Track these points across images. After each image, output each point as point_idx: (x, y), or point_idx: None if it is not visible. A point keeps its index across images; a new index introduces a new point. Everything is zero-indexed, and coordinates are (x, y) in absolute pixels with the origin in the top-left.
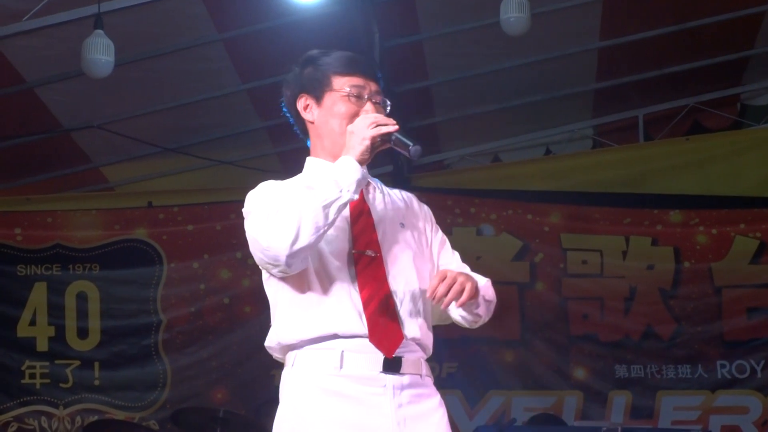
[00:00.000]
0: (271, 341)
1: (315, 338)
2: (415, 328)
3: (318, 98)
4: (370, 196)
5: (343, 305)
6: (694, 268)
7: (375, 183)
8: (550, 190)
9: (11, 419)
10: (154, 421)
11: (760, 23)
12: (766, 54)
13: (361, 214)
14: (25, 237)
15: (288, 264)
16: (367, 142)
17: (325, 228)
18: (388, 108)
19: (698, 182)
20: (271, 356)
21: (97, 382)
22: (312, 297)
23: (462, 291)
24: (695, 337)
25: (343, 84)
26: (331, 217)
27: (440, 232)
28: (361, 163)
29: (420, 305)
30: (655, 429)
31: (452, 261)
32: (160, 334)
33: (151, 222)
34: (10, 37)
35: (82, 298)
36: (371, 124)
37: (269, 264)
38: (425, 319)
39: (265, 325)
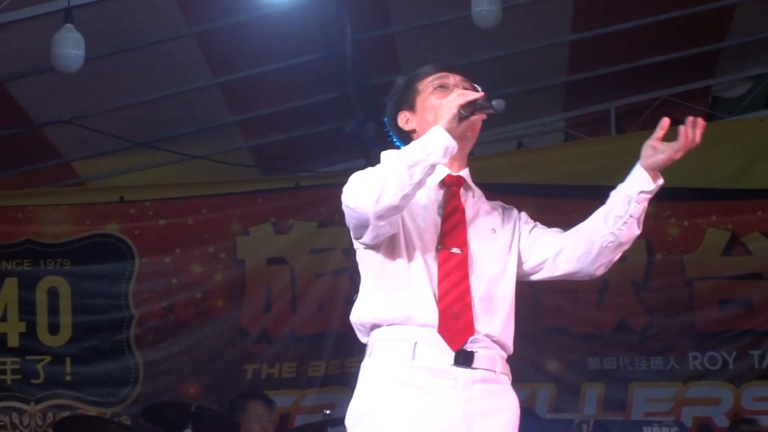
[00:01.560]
0: (353, 316)
1: (389, 320)
2: (490, 324)
3: (412, 108)
4: (468, 198)
5: (420, 294)
6: (666, 260)
7: (475, 191)
8: (522, 183)
9: None
10: (126, 417)
11: (732, 15)
12: (737, 46)
13: (454, 212)
14: None
15: (376, 224)
16: (454, 110)
17: (411, 187)
18: (479, 90)
19: (670, 174)
20: (242, 351)
21: (68, 378)
22: (394, 282)
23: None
24: (667, 329)
25: (427, 84)
26: (416, 177)
27: (531, 221)
28: (449, 131)
29: (500, 306)
30: (627, 421)
31: (548, 231)
32: (132, 329)
33: (122, 217)
34: None
35: (53, 293)
36: (459, 95)
37: (360, 226)
38: (504, 318)
39: (236, 320)
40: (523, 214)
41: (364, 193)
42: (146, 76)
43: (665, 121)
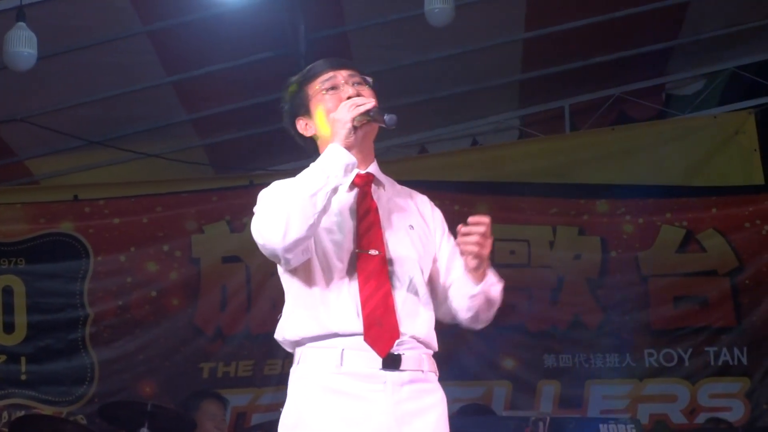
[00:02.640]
0: (278, 335)
1: (316, 336)
2: (414, 325)
3: (307, 113)
4: (380, 195)
5: (343, 304)
6: (621, 258)
7: (387, 182)
8: (477, 181)
9: None
10: (82, 416)
11: (685, 13)
12: (690, 44)
13: (367, 212)
14: None
15: (286, 257)
16: (349, 125)
17: (316, 216)
18: (370, 82)
19: (624, 172)
20: (198, 349)
21: (24, 377)
22: (315, 295)
23: (483, 247)
24: (623, 327)
25: (316, 88)
26: (319, 205)
27: (452, 239)
28: (347, 147)
29: (422, 304)
30: (583, 418)
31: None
32: (87, 328)
33: (77, 215)
34: None
35: (7, 292)
36: (350, 106)
37: (272, 257)
38: (427, 317)
39: (191, 318)
40: (443, 222)
41: (270, 230)
42: (100, 74)
43: (460, 228)
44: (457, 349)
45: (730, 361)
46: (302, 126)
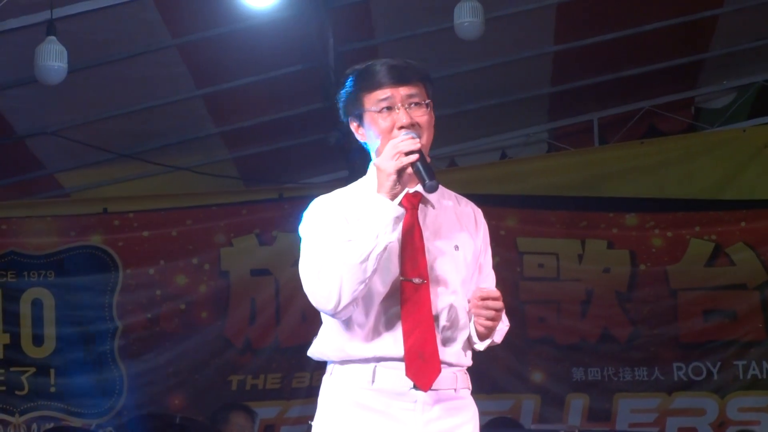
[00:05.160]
0: (314, 353)
1: (354, 359)
2: (451, 352)
3: (360, 121)
4: (426, 213)
5: (383, 335)
6: (650, 271)
7: (434, 198)
8: (506, 194)
9: None
10: (111, 428)
11: (715, 26)
12: (720, 57)
13: (412, 238)
14: None
15: (337, 316)
16: (393, 177)
17: (367, 279)
18: (427, 103)
19: (653, 185)
20: (227, 362)
21: (53, 389)
22: (357, 320)
23: (495, 320)
24: (651, 340)
25: (372, 102)
26: (370, 269)
27: (489, 253)
28: (393, 197)
29: (459, 329)
30: (612, 431)
31: (490, 283)
32: (116, 341)
33: (106, 228)
34: None
35: (37, 305)
36: (395, 155)
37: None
38: (463, 340)
39: (220, 331)
40: (486, 235)
41: (322, 297)
42: (130, 87)
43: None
44: (486, 362)
45: (759, 374)
46: (354, 127)
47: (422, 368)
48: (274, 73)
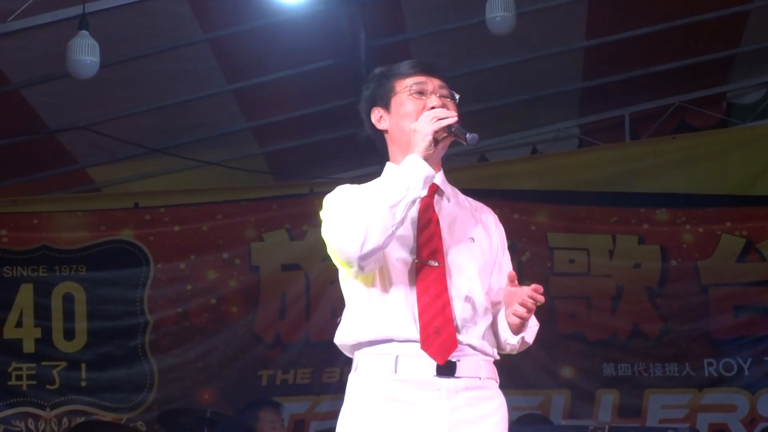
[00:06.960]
0: (337, 339)
1: (371, 341)
2: (471, 335)
3: (387, 106)
4: (442, 205)
5: (400, 312)
6: (681, 267)
7: (452, 194)
8: (536, 189)
9: None
10: (142, 422)
11: (746, 21)
12: (751, 52)
13: (428, 223)
14: (12, 238)
15: (360, 265)
16: (429, 137)
17: (394, 228)
18: (457, 99)
19: (685, 181)
20: (257, 357)
21: (83, 384)
22: (373, 301)
23: (531, 312)
24: (682, 336)
25: (404, 86)
26: (398, 216)
27: (508, 255)
28: (426, 158)
29: (480, 315)
30: (642, 428)
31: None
32: (147, 335)
33: (137, 223)
34: None
35: (68, 299)
36: (432, 119)
37: (344, 265)
38: (484, 327)
39: (250, 326)
40: (504, 238)
41: (348, 238)
42: (161, 82)
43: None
44: (516, 358)
45: None
46: (377, 116)
47: (437, 342)
48: (305, 68)
